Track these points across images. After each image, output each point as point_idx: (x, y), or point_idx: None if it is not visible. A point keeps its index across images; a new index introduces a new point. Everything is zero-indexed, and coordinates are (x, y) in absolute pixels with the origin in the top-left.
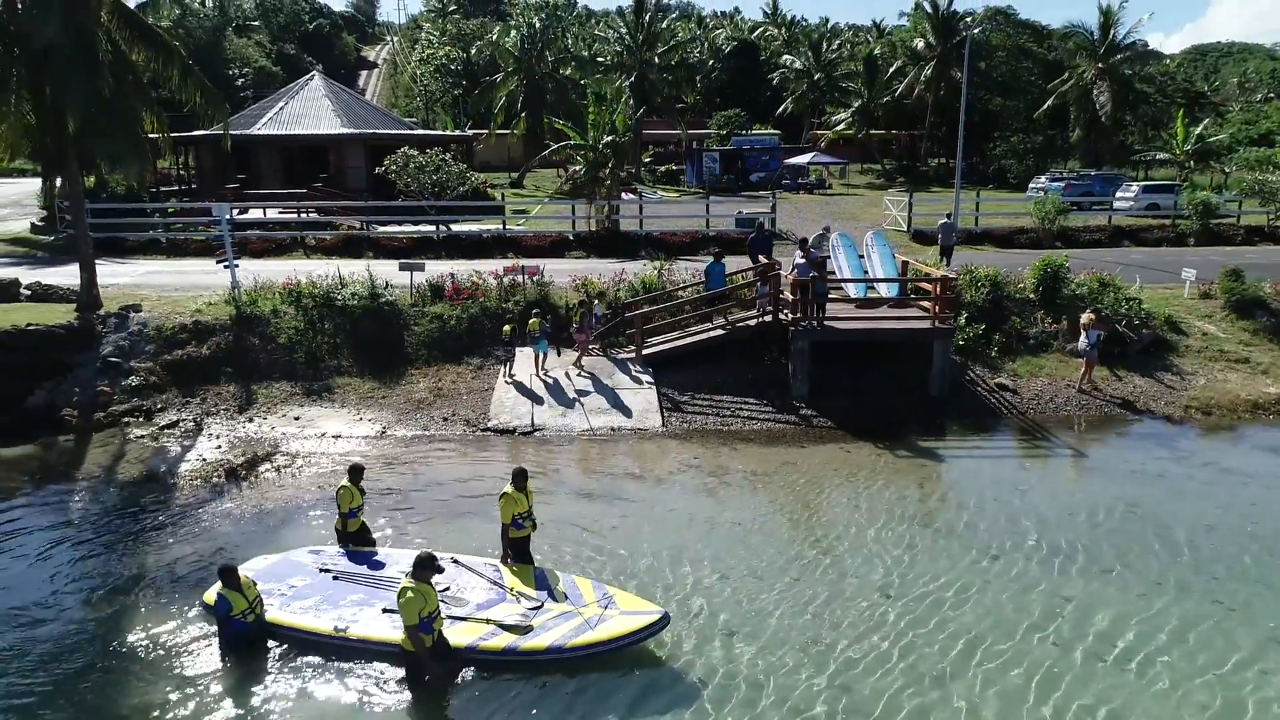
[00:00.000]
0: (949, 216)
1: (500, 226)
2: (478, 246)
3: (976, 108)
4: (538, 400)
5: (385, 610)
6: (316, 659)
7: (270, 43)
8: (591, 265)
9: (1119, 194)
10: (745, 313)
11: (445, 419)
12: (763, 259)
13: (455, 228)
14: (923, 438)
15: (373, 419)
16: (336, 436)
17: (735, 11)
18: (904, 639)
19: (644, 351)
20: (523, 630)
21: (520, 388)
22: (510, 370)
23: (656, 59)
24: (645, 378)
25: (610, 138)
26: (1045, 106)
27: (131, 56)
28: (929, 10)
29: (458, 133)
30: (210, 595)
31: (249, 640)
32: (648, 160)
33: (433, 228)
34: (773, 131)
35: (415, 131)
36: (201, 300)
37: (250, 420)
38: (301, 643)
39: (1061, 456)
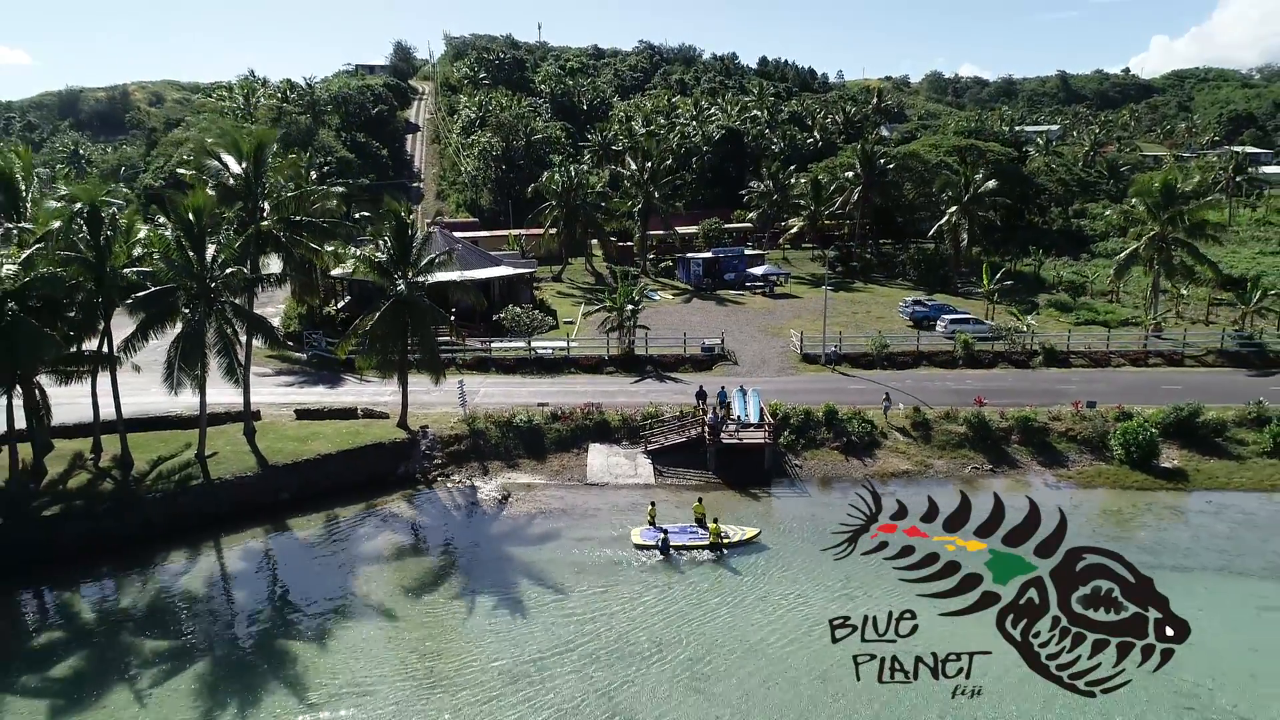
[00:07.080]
0: (835, 347)
1: (566, 345)
2: (554, 364)
3: (893, 219)
4: (604, 470)
5: (688, 538)
6: (683, 555)
7: (343, 128)
8: (618, 381)
9: (938, 322)
10: (691, 429)
11: (568, 479)
12: (700, 402)
13: (539, 351)
14: (760, 488)
15: (540, 479)
16: (529, 485)
17: (733, 56)
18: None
19: (648, 448)
20: (725, 537)
21: (597, 465)
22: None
23: (657, 192)
24: (647, 460)
25: (631, 307)
26: (930, 233)
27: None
28: (857, 148)
29: (529, 270)
30: (636, 537)
31: (666, 551)
32: (651, 258)
33: (524, 344)
34: (746, 223)
35: (502, 271)
36: (451, 420)
37: (490, 479)
38: (677, 549)
39: (808, 496)
